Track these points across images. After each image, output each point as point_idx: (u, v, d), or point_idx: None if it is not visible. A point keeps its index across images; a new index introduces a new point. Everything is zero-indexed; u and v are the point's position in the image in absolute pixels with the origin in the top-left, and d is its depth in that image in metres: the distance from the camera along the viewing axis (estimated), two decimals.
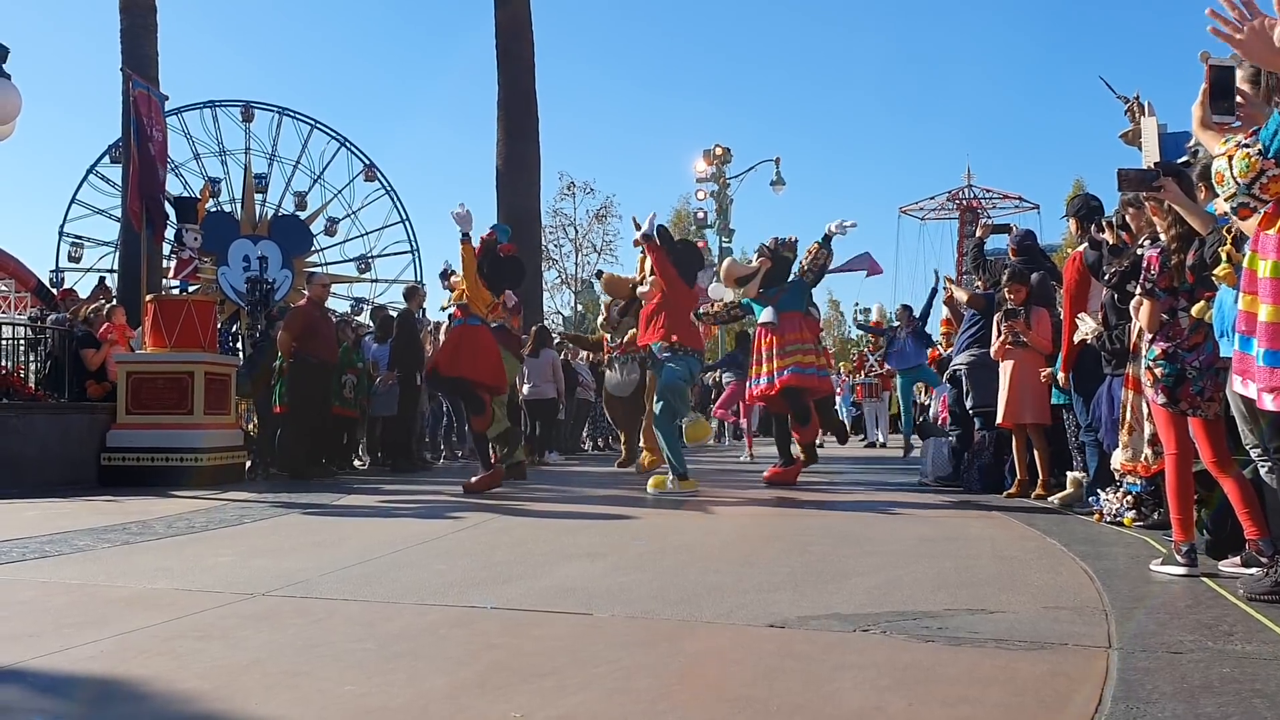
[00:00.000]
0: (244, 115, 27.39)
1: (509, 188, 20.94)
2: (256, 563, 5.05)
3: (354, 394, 11.78)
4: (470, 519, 6.92)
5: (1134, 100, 9.89)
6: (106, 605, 4.01)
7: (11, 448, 9.34)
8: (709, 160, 28.29)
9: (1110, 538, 5.70)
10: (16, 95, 10.62)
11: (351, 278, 28.21)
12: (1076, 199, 7.52)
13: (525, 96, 21.19)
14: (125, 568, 4.92)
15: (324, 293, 12.09)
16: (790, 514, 7.15)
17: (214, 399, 10.20)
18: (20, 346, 12.20)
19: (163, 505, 7.72)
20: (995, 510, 7.20)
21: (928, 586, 4.25)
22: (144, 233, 11.39)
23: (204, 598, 4.11)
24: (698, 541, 5.94)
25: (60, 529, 6.18)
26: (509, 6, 21.25)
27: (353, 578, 4.60)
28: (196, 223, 10.94)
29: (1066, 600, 3.95)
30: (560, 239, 39.66)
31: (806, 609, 3.80)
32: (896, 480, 10.20)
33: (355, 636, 3.47)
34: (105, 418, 10.04)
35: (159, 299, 10.68)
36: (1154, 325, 4.63)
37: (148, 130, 10.99)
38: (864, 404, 20.90)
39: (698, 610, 3.81)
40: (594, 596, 4.08)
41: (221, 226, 24.44)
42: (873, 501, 8.06)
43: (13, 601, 4.10)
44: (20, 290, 32.78)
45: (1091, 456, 6.90)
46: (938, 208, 66.81)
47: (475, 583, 4.42)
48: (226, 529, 6.49)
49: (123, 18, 20.14)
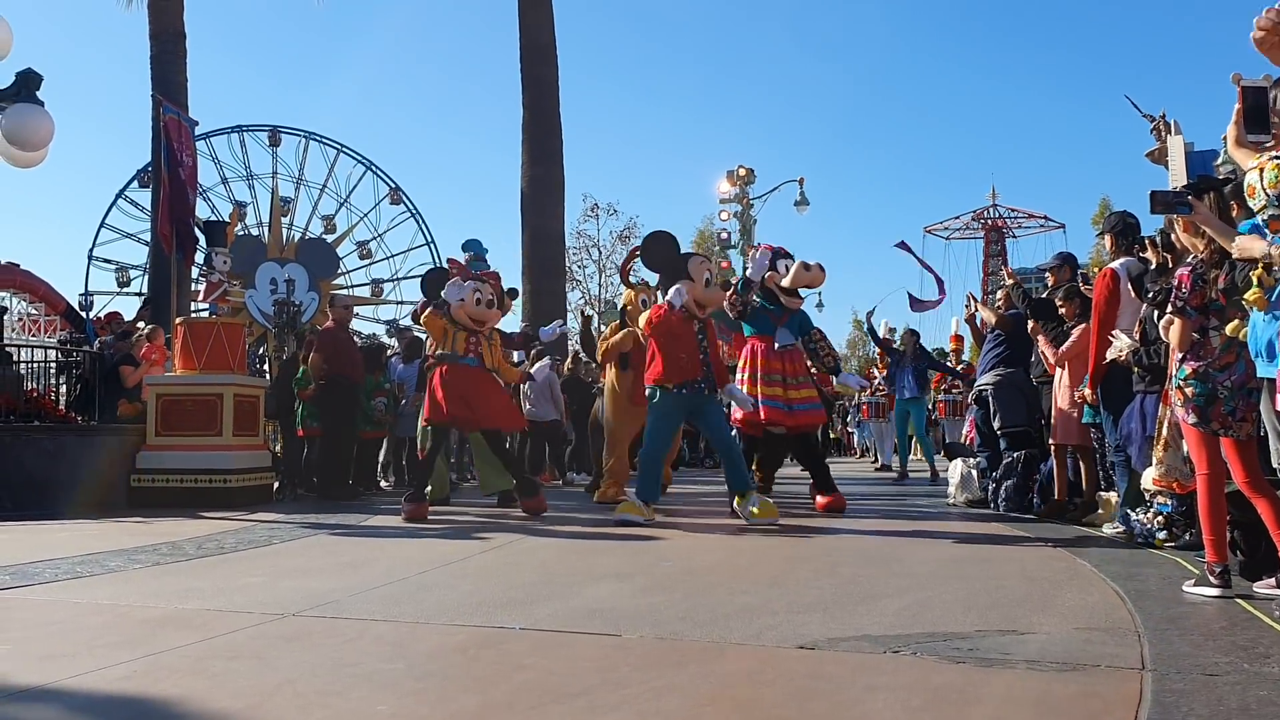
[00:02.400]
0: (271, 140, 27.67)
1: (533, 209, 21.06)
2: (286, 583, 5.07)
3: (382, 416, 11.83)
4: (497, 540, 6.93)
5: (1160, 119, 9.85)
6: (138, 626, 4.04)
7: (43, 469, 9.43)
8: (732, 181, 28.30)
9: (1142, 558, 5.65)
10: (49, 121, 10.78)
11: (371, 299, 28.36)
12: (1112, 215, 7.49)
13: (549, 119, 21.33)
14: (156, 588, 4.95)
15: (347, 315, 12.16)
16: (818, 535, 7.12)
17: (242, 421, 10.26)
18: (51, 369, 12.34)
19: (192, 526, 7.76)
20: (1024, 531, 7.15)
21: (958, 608, 4.22)
22: (174, 256, 11.50)
23: (235, 618, 4.13)
24: (725, 562, 5.92)
25: (91, 550, 6.22)
26: (533, 31, 21.42)
27: (381, 598, 4.62)
28: (225, 246, 11.05)
29: (1098, 621, 3.92)
30: (584, 260, 39.79)
31: (836, 630, 3.78)
32: (924, 501, 10.13)
33: (386, 657, 3.48)
34: (135, 439, 10.12)
35: (188, 322, 10.77)
36: (1184, 344, 4.60)
37: (178, 155, 11.11)
38: (869, 424, 20.34)
39: (727, 631, 3.80)
40: (622, 617, 4.07)
41: (249, 250, 24.66)
42: (900, 523, 8.01)
43: (46, 622, 4.14)
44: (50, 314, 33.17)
45: (1121, 476, 6.84)
46: (963, 227, 66.66)
47: (503, 603, 4.42)
48: (255, 550, 6.52)
49: (152, 44, 20.46)
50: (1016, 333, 8.90)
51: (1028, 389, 8.85)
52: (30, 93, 10.68)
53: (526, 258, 21.22)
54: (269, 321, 22.77)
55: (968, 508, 9.22)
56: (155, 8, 20.62)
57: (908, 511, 9.02)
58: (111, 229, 26.35)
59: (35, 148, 10.80)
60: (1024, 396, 8.85)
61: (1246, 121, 3.45)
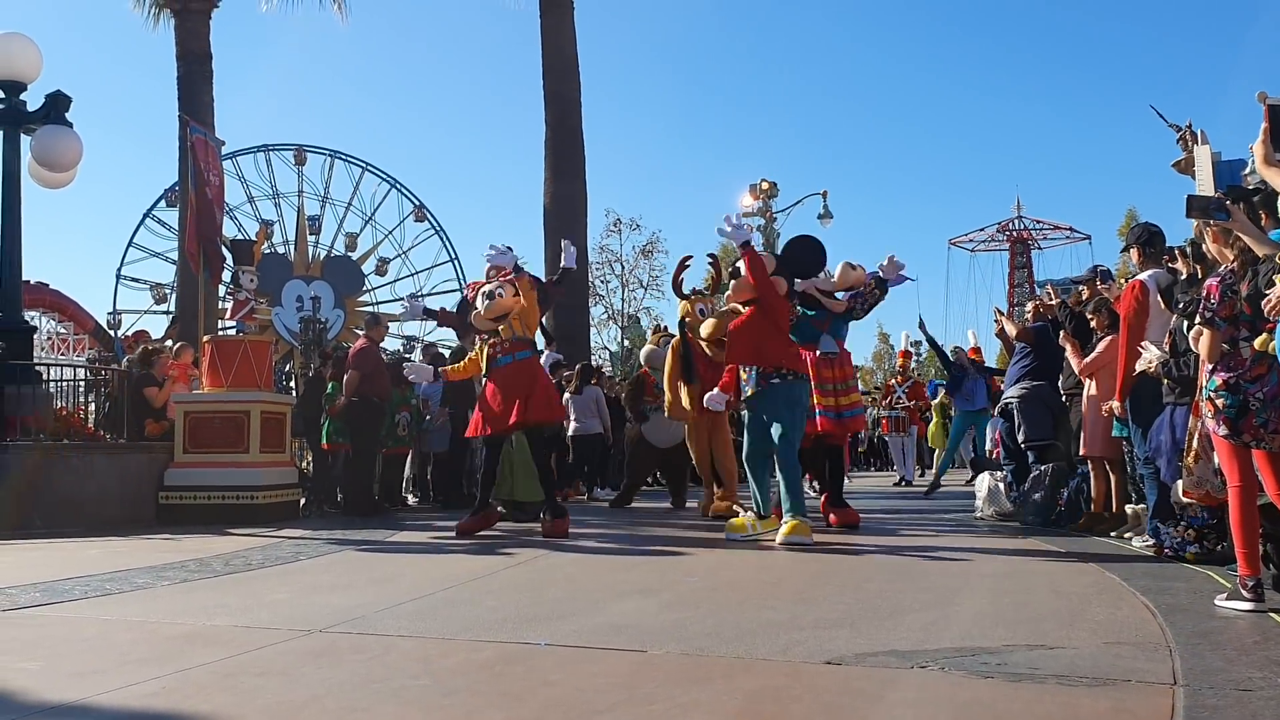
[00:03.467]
0: (297, 159, 27.91)
1: (556, 225, 21.09)
2: (313, 599, 5.09)
3: (407, 431, 11.88)
4: (522, 555, 6.93)
5: (1186, 128, 9.83)
6: (167, 642, 4.06)
7: (72, 487, 9.51)
8: (755, 194, 28.28)
9: (1172, 572, 5.59)
10: (78, 143, 10.91)
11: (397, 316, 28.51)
12: (1137, 227, 7.45)
13: (572, 135, 21.40)
14: (184, 605, 4.98)
15: (384, 333, 12.23)
16: (844, 550, 7.08)
17: (270, 437, 10.31)
18: (80, 387, 12.44)
19: (220, 543, 7.81)
20: (1052, 545, 7.09)
21: (985, 622, 4.19)
22: (201, 275, 11.59)
23: (262, 634, 4.15)
24: (751, 578, 5.90)
25: (120, 567, 6.27)
26: (556, 48, 21.52)
27: (408, 614, 4.63)
28: (252, 265, 11.13)
29: (1128, 636, 3.88)
30: (607, 275, 39.80)
31: (863, 645, 3.76)
32: (950, 516, 10.07)
33: (412, 673, 3.49)
34: (163, 457, 10.19)
35: (216, 340, 10.85)
36: (1214, 355, 4.56)
37: (205, 174, 11.21)
38: (889, 438, 19.98)
39: (753, 647, 3.79)
40: (648, 633, 4.07)
41: (276, 268, 24.85)
42: (927, 537, 7.96)
43: (76, 639, 4.17)
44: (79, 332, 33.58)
45: (1150, 489, 6.78)
46: (987, 239, 66.48)
47: (529, 619, 4.42)
48: (282, 566, 6.55)
49: (179, 65, 20.67)
50: (1041, 345, 8.86)
51: (1053, 402, 8.79)
52: (59, 114, 10.81)
53: (549, 273, 21.25)
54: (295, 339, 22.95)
55: (995, 521, 9.15)
56: (182, 29, 20.86)
57: (934, 526, 8.96)
58: (140, 248, 26.61)
59: (64, 169, 10.93)
60: (1049, 410, 8.80)
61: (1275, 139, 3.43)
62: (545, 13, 21.69)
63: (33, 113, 10.76)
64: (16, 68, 10.64)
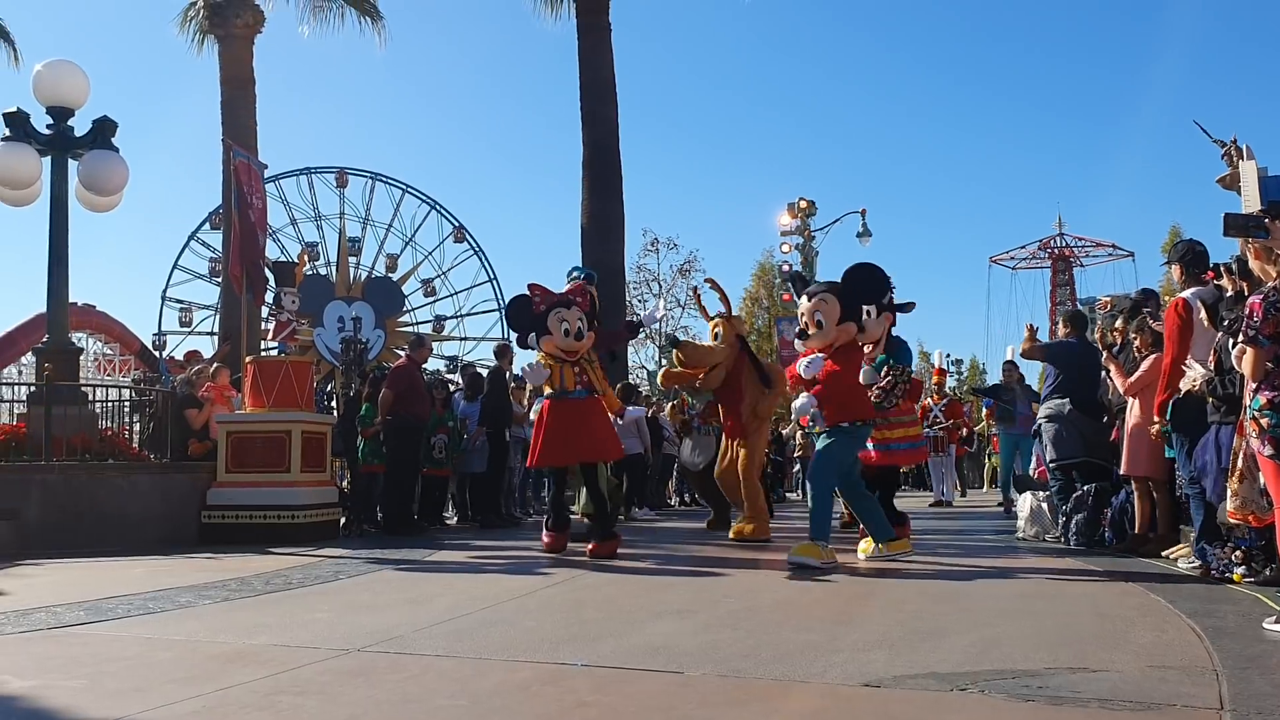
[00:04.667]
0: (338, 181, 28.23)
1: (593, 244, 21.21)
2: (352, 619, 5.12)
3: (444, 453, 11.94)
4: (559, 575, 6.93)
5: (1231, 143, 9.68)
6: (208, 661, 4.10)
7: (117, 506, 9.63)
8: (793, 213, 28.25)
9: (1219, 595, 5.49)
10: (124, 167, 11.11)
11: (439, 336, 28.70)
12: (1180, 244, 7.37)
13: (609, 155, 21.52)
14: (225, 624, 5.02)
15: (428, 354, 12.28)
16: (883, 571, 7.02)
17: (310, 457, 10.39)
18: (125, 408, 12.62)
19: (260, 562, 7.87)
20: (1096, 566, 6.99)
21: (1027, 644, 4.14)
22: (244, 297, 11.73)
23: (301, 653, 4.17)
24: (789, 599, 5.86)
25: (163, 586, 6.33)
26: (594, 69, 21.68)
27: (445, 634, 4.64)
28: (294, 286, 11.24)
29: (1173, 659, 3.82)
30: (644, 294, 39.84)
31: (902, 668, 3.73)
32: (991, 536, 9.96)
33: (449, 693, 3.50)
34: (206, 477, 10.30)
35: (258, 361, 10.97)
36: (1258, 374, 4.49)
37: (248, 198, 11.35)
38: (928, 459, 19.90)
39: (791, 669, 3.76)
40: (685, 654, 4.05)
41: (317, 289, 25.10)
42: (967, 558, 7.88)
43: (119, 657, 4.21)
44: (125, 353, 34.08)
45: (1197, 509, 6.67)
46: (1029, 257, 65.85)
47: (565, 639, 4.42)
48: (322, 585, 6.59)
49: (223, 90, 21.04)
50: (1063, 363, 8.84)
51: (1080, 420, 8.71)
52: (106, 139, 11.02)
53: None
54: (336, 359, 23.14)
55: (1037, 542, 9.04)
56: (225, 54, 21.24)
57: (975, 546, 8.87)
58: (184, 270, 26.97)
59: (110, 193, 11.12)
60: (1077, 428, 8.71)
61: None
62: (583, 34, 21.88)
63: (80, 138, 10.97)
64: (64, 94, 10.86)
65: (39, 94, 10.83)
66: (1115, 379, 8.01)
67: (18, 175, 10.61)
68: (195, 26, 22.64)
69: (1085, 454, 8.68)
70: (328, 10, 23.07)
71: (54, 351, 10.70)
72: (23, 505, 9.13)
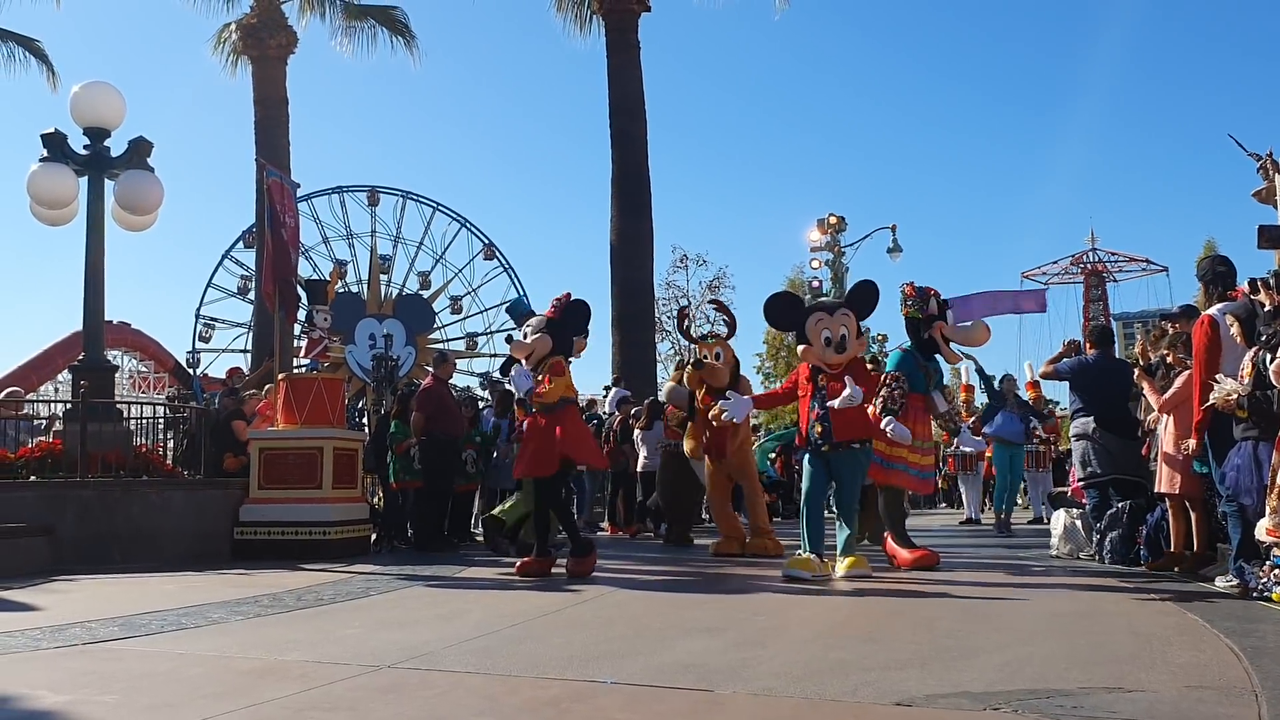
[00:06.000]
0: (370, 199, 28.41)
1: (623, 261, 21.25)
2: (382, 635, 5.14)
3: (475, 467, 11.96)
4: (589, 592, 6.92)
5: (1267, 157, 9.57)
6: (239, 676, 4.12)
7: (150, 522, 9.71)
8: (823, 229, 28.20)
9: (1257, 614, 5.41)
10: (159, 187, 11.24)
11: (466, 353, 28.82)
12: (1203, 262, 7.30)
13: (638, 173, 21.57)
14: (256, 639, 5.05)
15: (452, 370, 12.33)
16: (914, 589, 6.97)
17: (342, 474, 10.44)
18: (159, 425, 12.73)
19: (292, 578, 7.91)
20: (1131, 584, 6.91)
21: (1061, 664, 4.09)
22: (277, 314, 11.82)
23: (332, 669, 4.19)
24: (819, 617, 5.83)
25: (195, 602, 6.38)
26: (622, 88, 21.76)
27: (475, 650, 4.64)
28: (326, 304, 11.31)
29: (1211, 679, 3.76)
30: (673, 311, 39.88)
31: (934, 687, 3.70)
32: (1024, 554, 9.86)
33: (478, 710, 3.50)
34: (238, 493, 10.37)
35: (290, 378, 11.04)
36: None
37: (280, 216, 11.44)
38: (957, 476, 19.44)
39: (821, 687, 3.74)
40: (714, 672, 4.03)
41: (349, 307, 25.24)
42: (1000, 576, 7.80)
43: (152, 672, 4.24)
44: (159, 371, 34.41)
45: (1234, 527, 6.57)
46: (1061, 272, 65.36)
47: (595, 657, 4.41)
48: (353, 601, 6.62)
49: (257, 110, 21.30)
50: (1078, 382, 8.84)
51: (1106, 437, 8.63)
52: (141, 159, 11.14)
53: (616, 309, 21.39)
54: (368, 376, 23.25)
55: (1071, 560, 8.95)
56: (259, 75, 21.52)
57: (1007, 565, 8.78)
58: (218, 288, 27.16)
59: (146, 212, 11.24)
60: (1101, 446, 8.64)
61: None
62: (612, 53, 21.96)
63: (116, 158, 11.10)
64: (101, 115, 11.01)
65: (76, 115, 10.98)
66: (1149, 396, 7.93)
67: (55, 195, 10.75)
68: (229, 48, 22.96)
69: (1114, 471, 8.60)
70: (360, 30, 23.32)
71: (90, 369, 10.81)
72: (58, 521, 9.22)
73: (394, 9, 23.45)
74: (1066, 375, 9.12)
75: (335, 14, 23.08)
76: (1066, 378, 9.14)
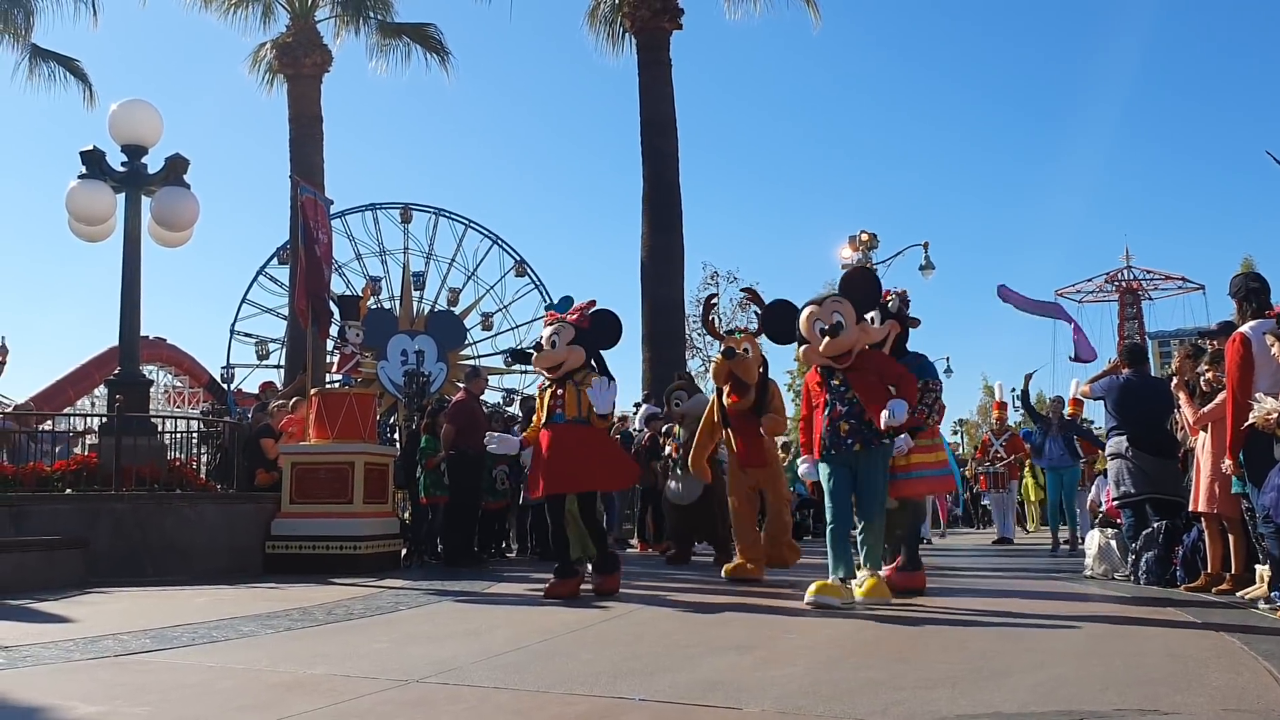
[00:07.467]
0: (403, 217, 28.62)
1: (653, 278, 21.27)
2: (411, 650, 5.14)
3: (506, 485, 11.99)
4: (617, 609, 6.90)
5: None
6: (268, 690, 4.13)
7: (183, 536, 9.79)
8: (854, 246, 28.07)
9: None
10: (195, 204, 11.37)
11: (501, 369, 28.93)
12: (1236, 278, 7.22)
13: (669, 189, 21.60)
14: (286, 653, 5.07)
15: (484, 386, 12.37)
16: (946, 608, 6.90)
17: (373, 488, 10.49)
18: (193, 439, 12.85)
19: (323, 592, 7.94)
20: (1168, 605, 6.81)
21: (1095, 685, 4.03)
22: (310, 330, 11.91)
23: (360, 684, 4.19)
24: (850, 635, 5.78)
25: (226, 615, 6.41)
26: (654, 105, 21.81)
27: (503, 665, 4.64)
28: (359, 320, 11.40)
29: (1249, 703, 3.70)
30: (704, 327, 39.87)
31: (966, 707, 3.65)
32: (1057, 574, 9.75)
33: None
34: (270, 507, 10.43)
35: (322, 393, 11.12)
36: None
37: (314, 233, 11.54)
38: (988, 495, 19.22)
39: (852, 707, 3.70)
40: (743, 690, 4.00)
41: (381, 323, 25.41)
42: (1033, 596, 7.72)
43: (182, 685, 4.27)
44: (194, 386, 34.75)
45: (1274, 548, 6.48)
46: (1095, 290, 64.87)
47: (623, 673, 4.40)
48: (382, 616, 6.63)
49: (291, 128, 21.52)
50: (1111, 401, 8.80)
51: (1140, 456, 8.54)
52: (178, 176, 11.28)
53: (646, 326, 21.40)
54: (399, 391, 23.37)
55: (1106, 580, 8.84)
56: (294, 92, 21.75)
57: (1040, 584, 8.69)
58: (252, 304, 27.42)
59: (181, 229, 11.38)
60: (1136, 465, 8.55)
61: None
62: (644, 70, 22.03)
63: (153, 175, 11.25)
64: (139, 133, 11.16)
65: (114, 132, 11.14)
66: (1186, 412, 7.83)
67: (93, 212, 10.90)
68: (265, 66, 23.23)
69: (1149, 490, 8.51)
70: (394, 48, 23.52)
71: (125, 383, 10.93)
72: (92, 534, 9.31)
73: (428, 26, 23.64)
74: (1100, 395, 9.08)
75: (370, 32, 23.29)
76: (1101, 397, 9.10)
